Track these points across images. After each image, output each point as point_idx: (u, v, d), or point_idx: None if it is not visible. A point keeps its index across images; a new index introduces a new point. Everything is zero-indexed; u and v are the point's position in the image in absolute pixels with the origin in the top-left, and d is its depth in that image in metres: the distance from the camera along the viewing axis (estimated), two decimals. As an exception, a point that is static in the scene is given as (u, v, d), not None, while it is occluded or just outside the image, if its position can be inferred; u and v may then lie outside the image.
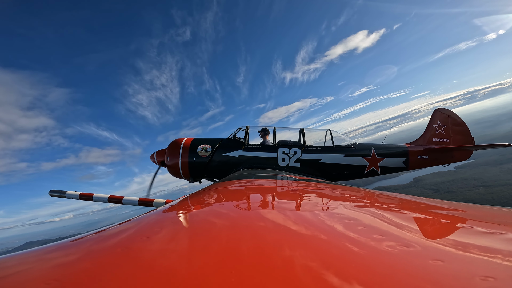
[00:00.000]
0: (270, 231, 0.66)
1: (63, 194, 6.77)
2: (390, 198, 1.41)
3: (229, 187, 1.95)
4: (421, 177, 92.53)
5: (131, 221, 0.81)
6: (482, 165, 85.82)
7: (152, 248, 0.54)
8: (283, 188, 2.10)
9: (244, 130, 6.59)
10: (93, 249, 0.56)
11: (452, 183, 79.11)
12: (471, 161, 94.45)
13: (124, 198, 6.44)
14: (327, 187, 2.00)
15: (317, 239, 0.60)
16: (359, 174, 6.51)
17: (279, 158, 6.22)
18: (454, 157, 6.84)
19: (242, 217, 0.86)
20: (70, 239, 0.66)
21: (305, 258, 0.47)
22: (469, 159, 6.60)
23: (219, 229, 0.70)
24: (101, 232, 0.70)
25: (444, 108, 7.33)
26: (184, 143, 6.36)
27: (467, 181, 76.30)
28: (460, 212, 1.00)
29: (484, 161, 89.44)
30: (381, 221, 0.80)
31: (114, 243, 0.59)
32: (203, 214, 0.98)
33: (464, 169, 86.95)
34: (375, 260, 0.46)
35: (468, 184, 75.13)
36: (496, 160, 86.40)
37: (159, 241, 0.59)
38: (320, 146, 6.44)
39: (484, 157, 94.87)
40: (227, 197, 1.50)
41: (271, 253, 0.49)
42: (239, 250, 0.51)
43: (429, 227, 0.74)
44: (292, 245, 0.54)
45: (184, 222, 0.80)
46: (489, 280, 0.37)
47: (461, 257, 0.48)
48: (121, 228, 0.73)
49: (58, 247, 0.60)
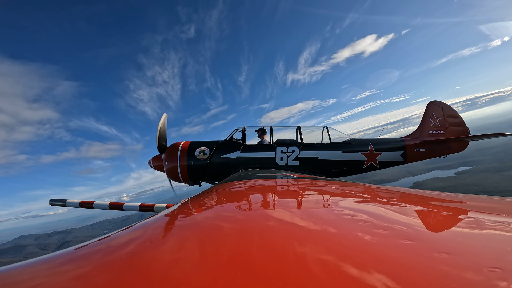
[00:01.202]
0: (277, 230, 0.66)
1: (63, 203, 6.75)
2: (391, 192, 1.41)
3: (229, 188, 1.95)
4: (422, 182, 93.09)
5: (133, 227, 0.80)
6: (482, 172, 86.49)
7: (159, 254, 0.53)
8: (283, 187, 2.10)
9: (241, 131, 6.59)
10: (98, 256, 0.56)
11: (453, 189, 79.79)
12: (471, 167, 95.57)
13: (125, 205, 6.43)
14: (327, 184, 2.00)
15: (325, 236, 0.60)
16: (358, 170, 6.53)
17: (277, 157, 6.22)
18: (451, 149, 6.90)
19: (245, 218, 0.86)
20: (74, 247, 0.66)
21: (319, 254, 0.47)
22: (469, 166, 6.64)
23: (225, 231, 0.69)
24: (105, 239, 0.70)
25: (437, 100, 7.40)
26: (182, 147, 6.34)
27: (468, 187, 77.03)
28: (461, 204, 1.00)
29: (485, 168, 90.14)
30: (384, 215, 0.80)
31: (119, 250, 0.59)
32: (206, 217, 0.97)
33: (465, 175, 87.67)
34: (382, 254, 0.46)
35: (469, 190, 75.78)
36: (497, 167, 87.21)
37: (164, 246, 0.59)
38: (317, 144, 6.45)
39: (484, 163, 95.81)
40: (228, 199, 1.49)
41: (284, 252, 0.49)
42: (249, 251, 0.50)
43: (432, 219, 0.74)
44: (303, 243, 0.54)
45: (188, 226, 0.79)
46: (496, 271, 0.37)
47: (466, 248, 0.48)
48: (124, 235, 0.72)
49: (63, 255, 0.59)
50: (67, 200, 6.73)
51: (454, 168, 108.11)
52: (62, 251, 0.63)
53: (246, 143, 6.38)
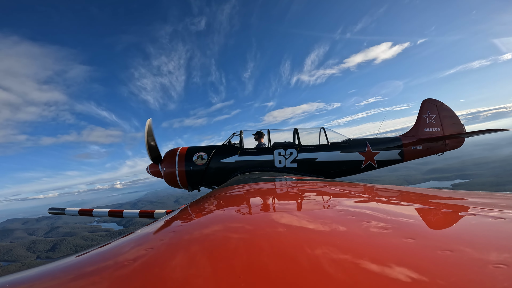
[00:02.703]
0: (279, 233, 0.66)
1: (62, 211, 6.71)
2: (390, 191, 1.42)
3: (229, 192, 1.93)
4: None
5: (135, 234, 0.79)
6: (479, 185, 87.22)
7: (161, 261, 0.52)
8: (283, 190, 2.10)
9: (239, 135, 6.59)
10: (101, 265, 0.55)
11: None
12: (468, 180, 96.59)
13: (124, 212, 6.41)
14: (326, 185, 2.00)
15: (328, 237, 0.59)
16: (356, 170, 6.56)
17: (275, 160, 6.22)
18: (447, 146, 6.96)
19: (247, 222, 0.85)
20: (75, 255, 0.65)
21: (324, 255, 0.47)
22: (466, 178, 6.66)
23: (226, 236, 0.69)
24: (106, 246, 0.69)
25: (432, 98, 7.47)
26: (180, 153, 6.32)
27: (465, 200, 78.24)
28: (462, 200, 1.01)
29: (482, 182, 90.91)
30: (385, 214, 0.80)
31: (121, 257, 0.58)
32: (207, 222, 0.96)
33: (461, 188, 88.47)
34: (385, 254, 0.46)
35: (467, 203, 77.09)
36: (493, 182, 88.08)
37: (166, 253, 0.58)
38: (315, 145, 6.47)
39: (481, 177, 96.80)
40: (228, 203, 1.48)
41: (289, 253, 0.49)
42: (252, 255, 0.50)
43: (434, 217, 0.74)
44: (305, 243, 0.54)
45: (188, 231, 0.79)
46: (501, 267, 0.37)
47: (470, 245, 0.48)
48: (126, 242, 0.71)
49: (65, 263, 0.58)
50: (66, 209, 6.69)
51: (451, 180, 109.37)
52: (64, 260, 0.62)
53: (243, 147, 6.38)
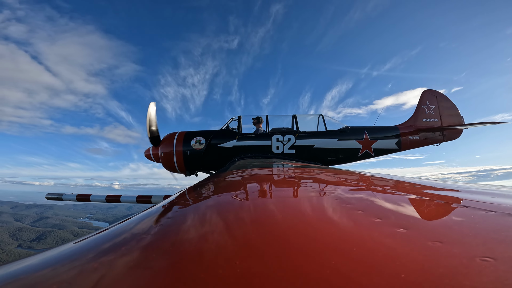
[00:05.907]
0: (277, 219, 0.67)
1: (60, 197, 6.76)
2: (385, 180, 1.44)
3: (227, 178, 1.95)
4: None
5: (132, 219, 0.80)
6: None
7: (160, 246, 0.53)
8: (280, 176, 2.12)
9: (237, 120, 6.55)
10: (100, 250, 0.55)
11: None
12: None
13: (122, 197, 6.46)
14: (323, 172, 2.02)
15: (320, 224, 0.60)
16: (353, 157, 6.62)
17: (273, 145, 6.24)
18: (445, 137, 7.00)
19: (245, 207, 0.86)
20: (73, 242, 0.65)
21: (314, 242, 0.48)
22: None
23: (224, 221, 0.70)
24: (105, 232, 0.69)
25: (432, 89, 7.41)
26: (178, 136, 6.31)
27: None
28: (455, 192, 1.02)
29: None
30: (379, 204, 0.81)
31: (119, 242, 0.58)
32: (204, 206, 0.97)
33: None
34: (376, 243, 0.47)
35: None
36: None
37: (165, 238, 0.59)
38: (313, 132, 6.47)
39: None
40: (226, 189, 1.49)
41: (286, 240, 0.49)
42: (251, 240, 0.51)
43: (426, 208, 0.75)
44: (300, 229, 0.55)
45: (187, 216, 0.80)
46: (488, 260, 0.38)
47: (460, 237, 0.49)
48: (124, 227, 0.72)
49: (63, 250, 0.59)
50: (64, 194, 6.74)
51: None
52: (62, 246, 0.63)
53: (241, 132, 6.37)
